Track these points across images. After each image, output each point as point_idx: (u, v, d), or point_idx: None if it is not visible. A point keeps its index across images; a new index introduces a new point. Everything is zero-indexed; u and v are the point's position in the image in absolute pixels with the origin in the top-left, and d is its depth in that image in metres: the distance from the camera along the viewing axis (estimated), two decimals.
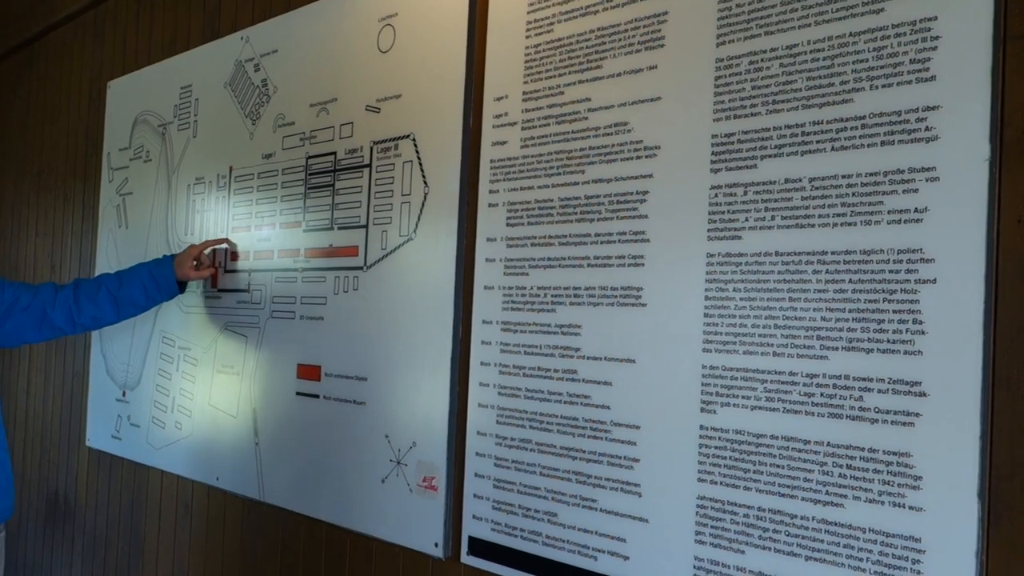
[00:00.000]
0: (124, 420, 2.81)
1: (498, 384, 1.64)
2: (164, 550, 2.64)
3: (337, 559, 2.01)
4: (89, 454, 3.09)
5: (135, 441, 2.75)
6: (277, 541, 2.20)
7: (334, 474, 2.00)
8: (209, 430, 2.42)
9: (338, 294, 2.02)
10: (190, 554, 2.52)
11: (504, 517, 1.62)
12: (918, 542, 1.10)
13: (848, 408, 1.17)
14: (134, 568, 2.78)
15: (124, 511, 2.85)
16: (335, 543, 2.02)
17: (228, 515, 2.38)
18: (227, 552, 2.37)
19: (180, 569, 2.55)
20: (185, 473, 2.53)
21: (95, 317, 2.26)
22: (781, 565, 1.23)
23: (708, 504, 1.32)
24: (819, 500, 1.19)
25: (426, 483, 1.77)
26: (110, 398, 2.91)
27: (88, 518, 3.07)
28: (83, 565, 3.08)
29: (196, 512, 2.51)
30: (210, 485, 2.42)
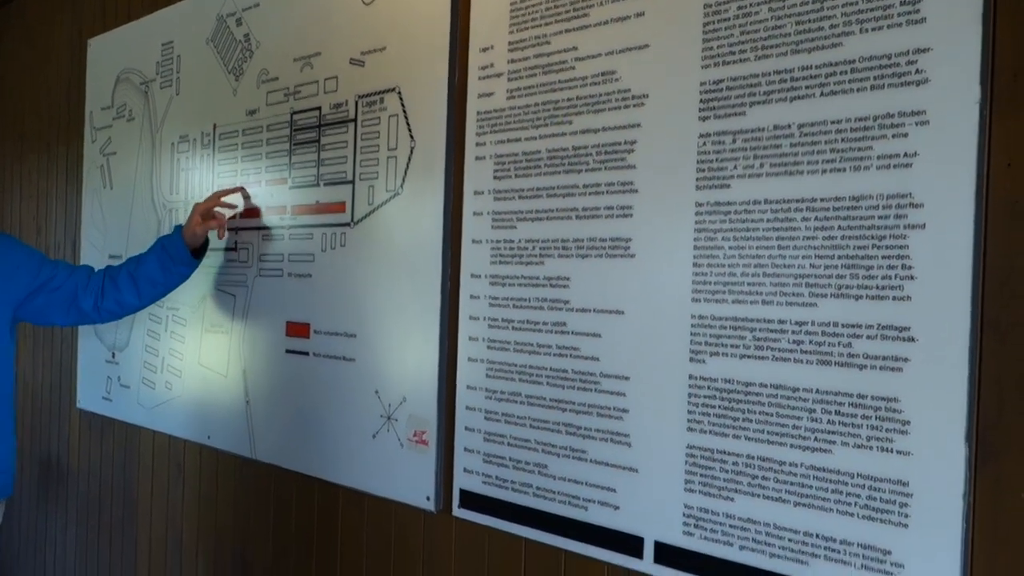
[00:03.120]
0: (114, 381, 2.81)
1: (487, 338, 1.64)
2: (157, 509, 2.65)
3: (330, 514, 2.02)
4: (80, 416, 3.09)
5: (126, 402, 2.75)
6: (269, 498, 2.20)
7: (325, 430, 2.00)
8: (199, 390, 2.42)
9: (326, 251, 2.01)
10: (183, 513, 2.53)
11: (495, 470, 1.62)
12: (905, 486, 1.11)
13: (837, 355, 1.17)
14: (128, 528, 2.79)
15: (117, 472, 2.86)
16: (327, 499, 2.03)
17: (220, 473, 2.38)
18: (220, 510, 2.38)
19: (174, 528, 2.57)
20: (177, 433, 2.53)
21: (117, 300, 2.17)
22: (770, 511, 1.24)
23: (697, 453, 1.32)
24: (808, 447, 1.20)
25: (417, 437, 1.77)
26: (99, 360, 2.90)
27: (81, 480, 3.08)
28: (78, 527, 3.10)
29: (188, 471, 2.51)
30: (202, 444, 2.42)
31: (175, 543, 2.56)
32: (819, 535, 1.18)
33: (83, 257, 3.00)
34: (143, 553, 2.71)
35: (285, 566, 2.15)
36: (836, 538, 1.17)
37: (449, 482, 1.72)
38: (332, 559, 2.01)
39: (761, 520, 1.25)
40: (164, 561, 2.61)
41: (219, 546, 2.38)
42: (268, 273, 2.17)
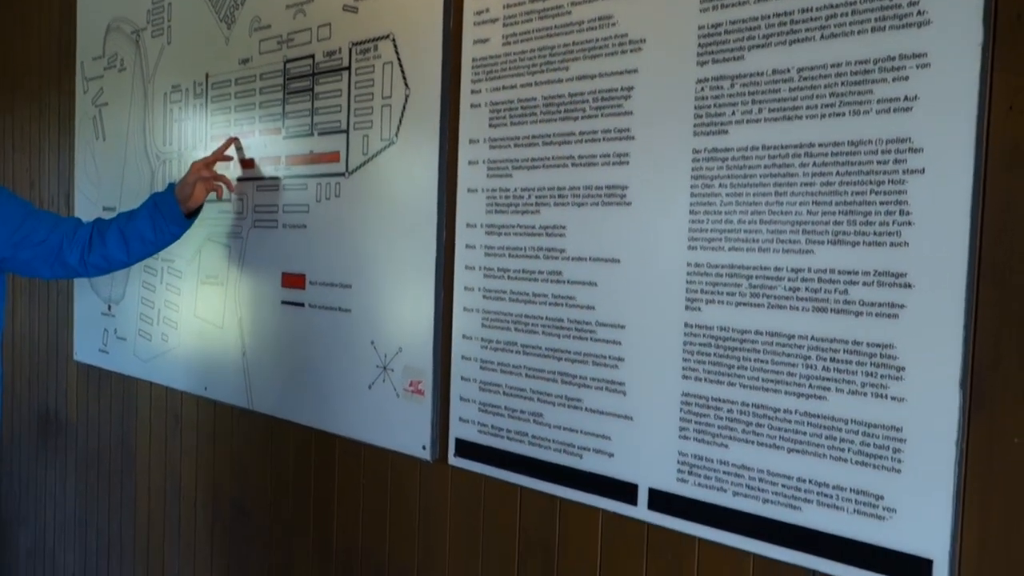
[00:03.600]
0: (110, 334, 2.81)
1: (483, 287, 1.63)
2: (156, 460, 2.66)
3: (327, 464, 2.03)
4: (78, 369, 3.09)
5: (122, 354, 2.75)
6: (267, 448, 2.22)
7: (321, 381, 2.00)
8: (196, 341, 2.42)
9: (320, 201, 1.99)
10: (182, 463, 2.54)
11: (490, 419, 1.63)
12: (899, 431, 1.11)
13: (833, 302, 1.16)
14: (127, 479, 2.81)
15: (115, 423, 2.87)
16: (324, 448, 2.04)
17: (218, 424, 2.39)
18: (218, 460, 2.40)
19: (172, 478, 2.58)
20: (174, 384, 2.53)
21: (104, 255, 2.10)
22: (764, 458, 1.24)
23: (692, 400, 1.32)
24: (802, 393, 1.20)
25: (413, 387, 1.78)
26: (95, 312, 2.89)
27: (80, 432, 3.09)
28: (77, 478, 3.12)
29: (186, 422, 2.52)
30: (199, 395, 2.43)
31: (174, 493, 2.58)
32: (812, 481, 1.19)
33: (77, 210, 2.98)
34: (142, 502, 2.73)
35: (283, 515, 2.17)
36: (829, 483, 1.17)
37: (445, 431, 1.73)
38: (329, 508, 2.03)
39: (755, 466, 1.25)
40: (163, 510, 2.63)
41: (217, 496, 2.40)
42: (263, 224, 2.16)
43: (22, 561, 3.53)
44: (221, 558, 2.40)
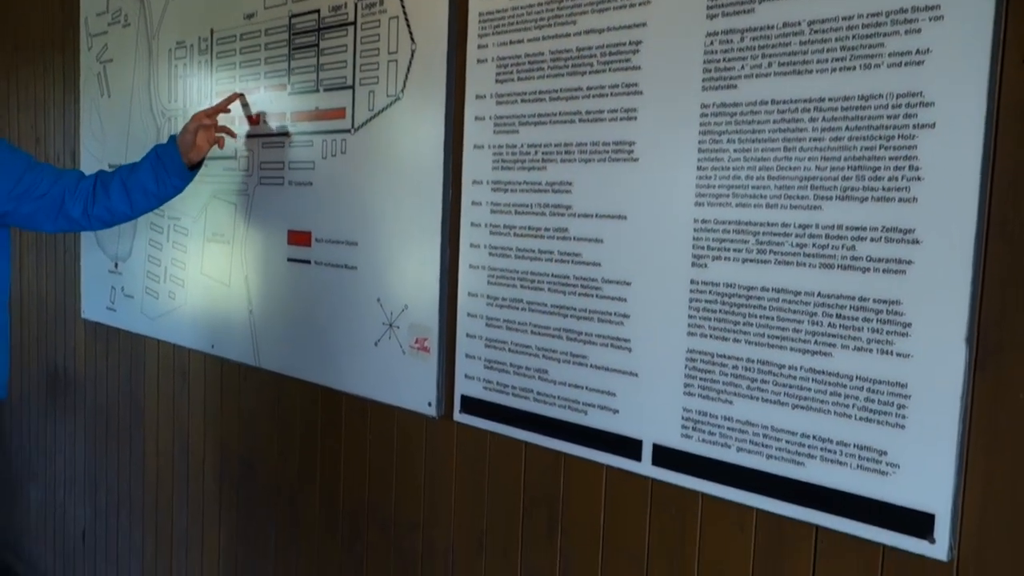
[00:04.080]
0: (118, 291, 2.82)
1: (489, 245, 1.63)
2: (164, 417, 2.68)
3: (333, 421, 2.05)
4: (85, 326, 3.11)
5: (130, 312, 2.76)
6: (274, 405, 2.23)
7: (328, 338, 2.01)
8: (202, 299, 2.42)
9: (326, 158, 1.98)
10: (189, 420, 2.56)
11: (496, 375, 1.63)
12: (904, 388, 1.11)
13: (840, 258, 1.16)
14: (135, 436, 2.83)
15: (123, 381, 2.89)
16: (331, 405, 2.05)
17: (225, 382, 2.41)
18: (225, 417, 2.41)
19: (180, 434, 2.61)
20: (181, 342, 2.55)
21: (107, 207, 2.08)
22: (768, 414, 1.24)
23: (697, 357, 1.32)
24: (808, 350, 1.20)
25: (418, 345, 1.78)
26: (103, 270, 2.90)
27: (88, 389, 3.12)
28: (86, 435, 3.15)
29: (193, 379, 2.54)
30: (206, 353, 2.44)
31: (181, 449, 2.60)
32: (816, 436, 1.19)
33: (83, 168, 2.98)
34: (151, 458, 2.76)
35: (290, 472, 2.19)
36: (833, 439, 1.18)
37: (450, 388, 1.74)
38: (336, 464, 2.05)
39: (759, 422, 1.26)
40: (171, 467, 2.66)
41: (225, 452, 2.42)
42: (268, 181, 2.15)
43: (32, 516, 3.58)
44: (229, 514, 2.42)
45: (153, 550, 2.77)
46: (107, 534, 3.04)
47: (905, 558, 1.13)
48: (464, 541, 1.74)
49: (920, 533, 1.10)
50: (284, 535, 2.22)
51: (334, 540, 2.06)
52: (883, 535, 1.14)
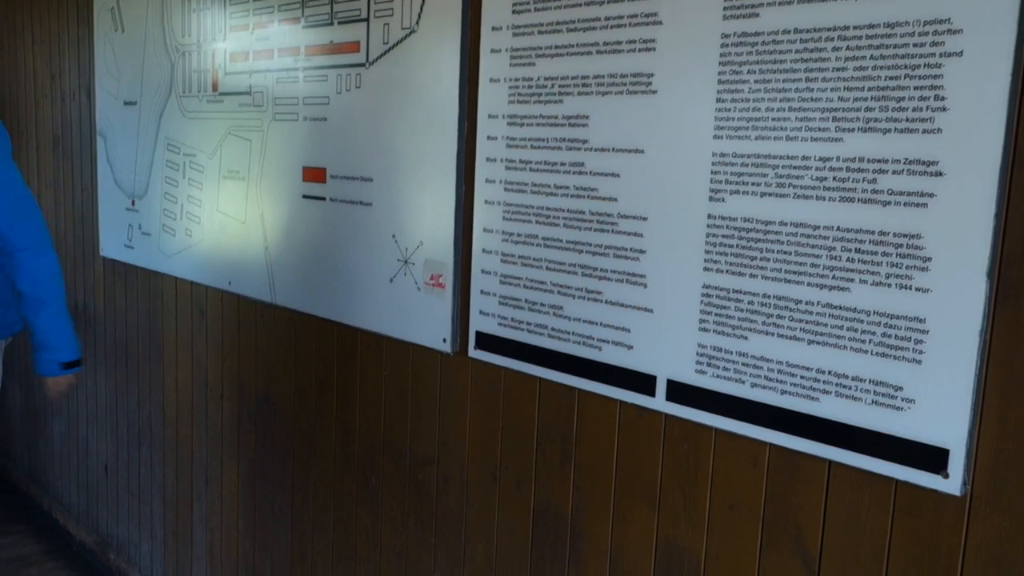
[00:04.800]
0: (135, 229, 2.82)
1: (504, 180, 1.61)
2: (182, 354, 2.71)
3: (349, 358, 2.06)
4: (104, 264, 3.13)
5: (147, 249, 2.77)
6: (290, 342, 2.24)
7: (343, 275, 2.01)
8: (219, 236, 2.43)
9: (341, 93, 1.96)
10: (207, 356, 2.59)
11: (510, 312, 1.63)
12: (922, 323, 1.10)
13: (861, 191, 1.14)
14: (155, 372, 2.87)
15: (142, 317, 2.92)
16: (346, 342, 2.06)
17: (242, 318, 2.42)
18: (243, 353, 2.43)
19: (199, 371, 2.63)
20: (198, 279, 2.56)
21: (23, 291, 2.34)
22: (783, 349, 1.24)
23: (713, 292, 1.31)
24: (825, 285, 1.19)
25: (433, 281, 1.78)
26: (120, 208, 2.91)
27: (108, 326, 3.15)
28: (106, 371, 3.19)
29: (211, 316, 2.55)
30: (223, 290, 2.45)
31: (200, 385, 2.63)
32: (831, 372, 1.19)
33: (99, 106, 2.97)
34: (170, 394, 2.79)
35: (306, 407, 2.21)
36: (848, 375, 1.17)
37: (465, 324, 1.74)
38: (352, 400, 2.07)
39: (774, 358, 1.25)
40: (190, 402, 2.69)
41: (243, 388, 2.45)
42: (283, 117, 2.14)
43: (56, 450, 3.65)
44: (247, 448, 2.46)
45: (174, 482, 2.82)
46: (129, 467, 3.10)
47: (918, 493, 1.13)
48: (478, 475, 1.76)
49: (934, 468, 1.10)
50: (301, 469, 2.25)
51: (350, 473, 2.09)
52: (897, 470, 1.13)
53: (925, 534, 1.13)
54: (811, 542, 1.25)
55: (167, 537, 2.90)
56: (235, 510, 2.54)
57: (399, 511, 1.97)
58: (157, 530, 2.95)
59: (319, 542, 2.22)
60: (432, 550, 1.89)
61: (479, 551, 1.77)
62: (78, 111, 3.23)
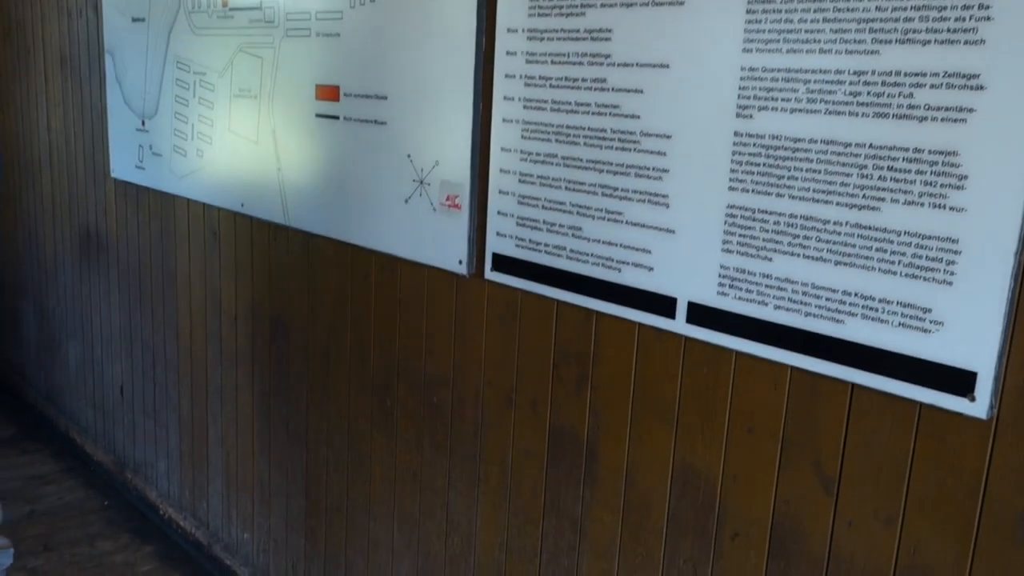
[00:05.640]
0: (146, 150, 2.79)
1: (523, 97, 1.57)
2: (196, 277, 2.70)
3: (363, 280, 2.04)
4: (115, 186, 3.10)
5: (158, 170, 2.74)
6: (304, 265, 2.23)
7: (357, 196, 1.98)
8: (230, 157, 2.39)
9: (354, 7, 1.90)
10: (221, 279, 2.58)
11: (528, 233, 1.60)
12: (955, 243, 1.07)
13: (896, 106, 1.10)
14: (168, 295, 2.86)
15: (154, 240, 2.90)
16: (360, 264, 2.04)
17: (255, 241, 2.40)
18: (256, 277, 2.42)
19: (212, 294, 2.63)
20: (210, 201, 2.53)
21: None
22: (809, 271, 1.21)
23: (738, 212, 1.28)
24: (855, 204, 1.15)
25: (449, 202, 1.75)
26: (130, 128, 2.87)
27: (121, 249, 3.14)
28: (120, 294, 3.19)
29: (224, 239, 2.54)
30: (235, 212, 2.43)
31: (214, 308, 2.63)
32: (858, 294, 1.16)
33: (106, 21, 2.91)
34: (184, 318, 2.79)
35: (320, 329, 2.21)
36: (875, 297, 1.15)
37: (482, 246, 1.71)
38: (366, 323, 2.06)
39: (799, 280, 1.22)
40: (204, 325, 2.69)
41: (256, 310, 2.44)
42: (295, 33, 2.08)
43: (72, 373, 3.68)
44: (261, 370, 2.46)
45: (189, 404, 2.84)
46: (144, 389, 3.12)
47: (942, 416, 1.11)
48: (493, 397, 1.75)
49: (960, 391, 1.08)
50: (316, 391, 2.26)
51: (365, 395, 2.10)
52: (921, 393, 1.12)
53: (948, 458, 1.12)
54: (830, 465, 1.24)
55: (183, 457, 2.94)
56: (250, 431, 2.56)
57: (414, 432, 1.97)
58: (173, 450, 2.99)
59: (334, 462, 2.24)
60: (447, 471, 1.90)
61: (494, 472, 1.78)
62: (85, 28, 3.17)
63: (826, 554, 1.26)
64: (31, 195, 3.82)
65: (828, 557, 1.26)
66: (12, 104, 3.91)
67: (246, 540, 2.66)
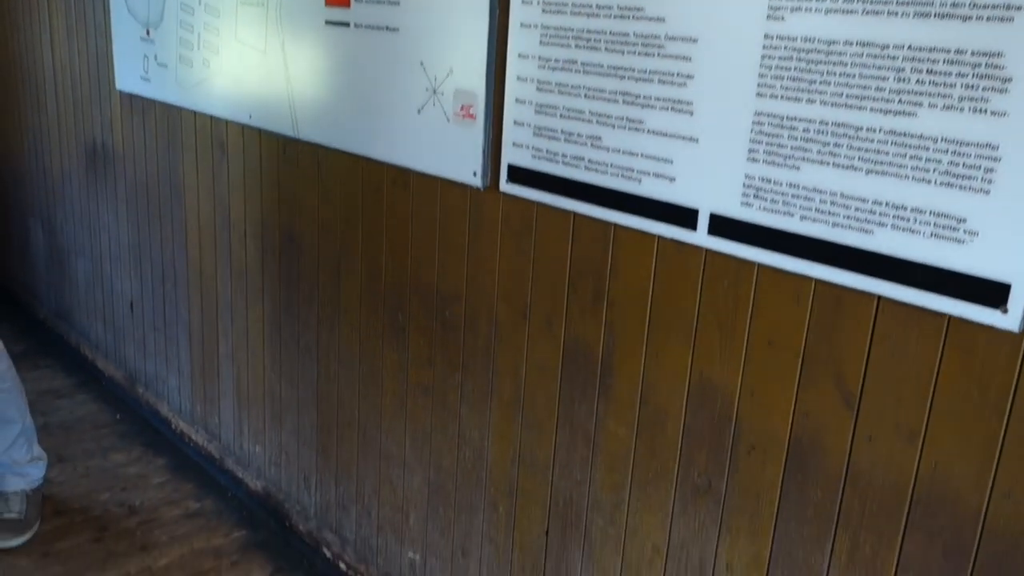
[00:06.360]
0: (151, 60, 2.72)
1: (542, 0, 1.51)
2: (204, 191, 2.67)
3: (375, 193, 2.01)
4: (120, 99, 3.04)
5: (164, 82, 2.68)
6: (314, 179, 2.19)
7: (368, 107, 1.93)
8: (238, 67, 2.33)
9: None
10: (229, 194, 2.54)
11: (545, 143, 1.56)
12: (995, 150, 1.02)
13: (939, 5, 1.04)
14: (176, 209, 2.83)
15: (161, 154, 2.86)
16: (372, 177, 2.00)
17: (264, 154, 2.36)
18: (265, 191, 2.39)
19: (221, 209, 2.59)
20: (217, 113, 2.48)
21: None
22: (839, 180, 1.17)
23: (765, 120, 1.24)
24: (890, 110, 1.11)
25: (464, 111, 1.70)
26: (134, 38, 2.80)
27: (127, 164, 3.09)
28: (128, 209, 3.16)
29: (231, 152, 2.49)
30: (243, 124, 2.38)
31: (223, 223, 2.60)
32: (889, 203, 1.12)
33: None
34: (192, 233, 2.77)
35: (331, 244, 2.18)
36: (907, 206, 1.11)
37: (497, 157, 1.67)
38: (378, 237, 2.03)
39: (827, 189, 1.19)
40: (213, 240, 2.67)
41: (266, 225, 2.41)
42: None
43: (81, 289, 3.67)
44: (272, 286, 2.45)
45: (199, 320, 2.84)
46: (154, 305, 3.11)
47: (972, 329, 1.09)
48: (508, 312, 1.73)
49: (993, 303, 1.05)
50: (327, 306, 2.24)
51: (376, 310, 2.08)
52: (951, 305, 1.09)
53: (975, 371, 1.10)
54: (852, 379, 1.22)
55: (194, 373, 2.94)
56: (261, 346, 2.55)
57: (426, 348, 1.96)
58: (184, 366, 3.00)
59: (345, 377, 2.24)
60: (459, 386, 1.89)
61: (507, 387, 1.77)
62: None
63: (844, 469, 1.25)
64: (36, 111, 3.75)
65: (846, 472, 1.25)
66: (10, 16, 3.82)
67: (258, 453, 2.69)
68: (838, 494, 1.26)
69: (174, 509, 2.74)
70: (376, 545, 2.27)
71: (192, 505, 2.77)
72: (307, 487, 2.50)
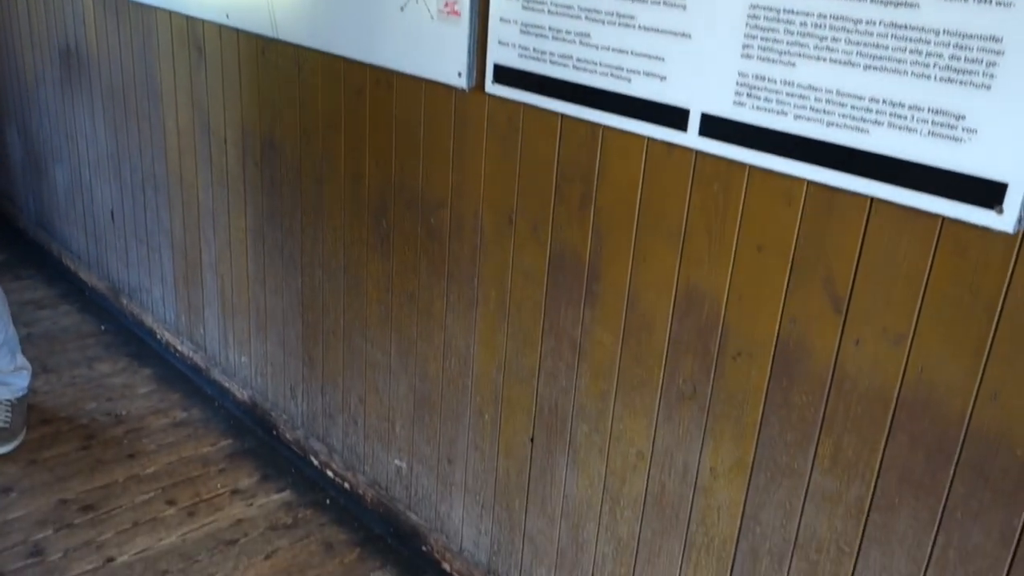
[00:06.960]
0: None
1: None
2: (182, 95, 2.59)
3: (357, 95, 1.95)
4: None
5: None
6: (294, 80, 2.12)
7: (350, 5, 1.85)
8: None
9: None
10: (208, 98, 2.47)
11: (532, 41, 1.50)
12: (998, 42, 0.98)
13: None
14: (154, 115, 2.76)
15: (137, 57, 2.76)
16: (354, 78, 1.94)
17: (242, 56, 2.28)
18: (245, 94, 2.32)
19: (200, 114, 2.52)
20: (193, 12, 2.39)
21: None
22: (835, 76, 1.13)
23: (760, 13, 1.18)
24: (891, 2, 1.06)
25: (448, 8, 1.63)
26: None
27: (103, 67, 3.00)
28: (104, 114, 3.07)
29: (209, 55, 2.41)
30: (221, 24, 2.30)
31: (202, 128, 2.53)
32: (886, 101, 1.09)
33: None
34: (171, 139, 2.70)
35: (313, 150, 2.12)
36: (905, 103, 1.07)
37: (482, 56, 1.61)
38: (361, 142, 1.97)
39: (823, 86, 1.14)
40: (192, 146, 2.60)
41: (246, 131, 2.35)
42: None
43: (61, 197, 3.61)
44: (254, 193, 2.40)
45: (181, 229, 2.79)
46: (135, 213, 3.06)
47: (965, 231, 1.06)
48: (493, 218, 1.70)
49: (988, 203, 1.02)
50: (310, 214, 2.20)
51: (360, 217, 2.04)
52: (945, 206, 1.06)
53: (967, 274, 1.08)
54: (841, 283, 1.21)
55: (177, 282, 2.91)
56: (244, 255, 2.52)
57: (410, 255, 1.93)
58: (167, 276, 2.96)
59: (329, 287, 2.21)
60: (444, 293, 1.87)
61: (492, 294, 1.75)
62: None
63: (830, 373, 1.25)
64: (6, 11, 3.62)
65: (832, 376, 1.24)
66: None
67: (244, 364, 2.68)
68: (823, 399, 1.26)
69: (161, 418, 2.74)
70: (363, 453, 2.28)
71: (179, 414, 2.78)
72: (293, 397, 2.50)
